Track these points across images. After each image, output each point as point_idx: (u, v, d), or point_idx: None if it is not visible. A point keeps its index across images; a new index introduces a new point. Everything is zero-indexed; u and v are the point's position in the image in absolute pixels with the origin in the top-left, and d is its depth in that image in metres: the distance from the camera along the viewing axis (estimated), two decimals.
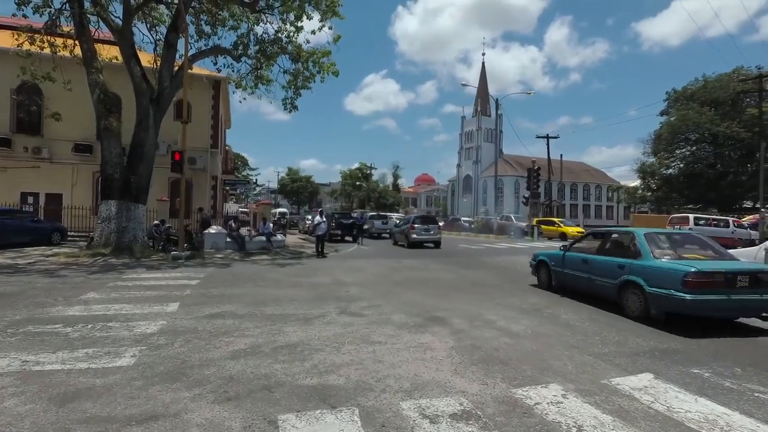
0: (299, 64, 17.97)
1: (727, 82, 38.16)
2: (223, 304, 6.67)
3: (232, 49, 18.11)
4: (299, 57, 17.79)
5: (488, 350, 4.61)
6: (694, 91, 40.53)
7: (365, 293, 7.93)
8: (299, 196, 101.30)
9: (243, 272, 10.59)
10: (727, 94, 37.72)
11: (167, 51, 15.99)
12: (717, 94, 38.35)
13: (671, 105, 42.44)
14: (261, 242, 16.70)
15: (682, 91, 41.77)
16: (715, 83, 39.18)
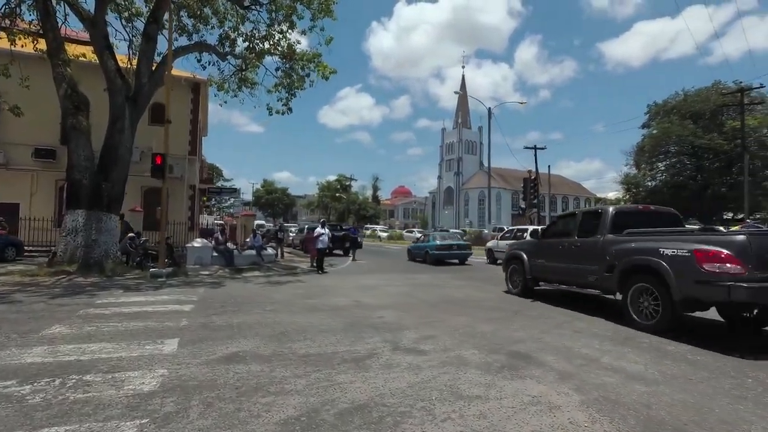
0: (293, 62, 16.63)
1: (706, 95, 39.03)
2: (237, 340, 5.13)
3: (217, 45, 16.60)
4: (293, 56, 16.45)
5: (636, 407, 3.31)
6: (674, 105, 41.30)
7: (404, 319, 6.52)
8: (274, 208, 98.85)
9: (241, 293, 8.98)
10: (707, 107, 38.53)
11: (146, 44, 14.30)
12: (697, 108, 39.13)
13: (652, 118, 43.12)
14: (251, 257, 15.02)
15: (662, 104, 42.53)
16: (695, 97, 40.03)
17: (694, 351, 4.94)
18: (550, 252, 8.42)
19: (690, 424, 3.03)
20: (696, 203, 39.86)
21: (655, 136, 40.87)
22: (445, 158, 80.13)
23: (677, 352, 4.89)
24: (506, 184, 69.61)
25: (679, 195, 41.03)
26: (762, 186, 36.10)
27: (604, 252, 6.95)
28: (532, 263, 8.91)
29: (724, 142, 36.68)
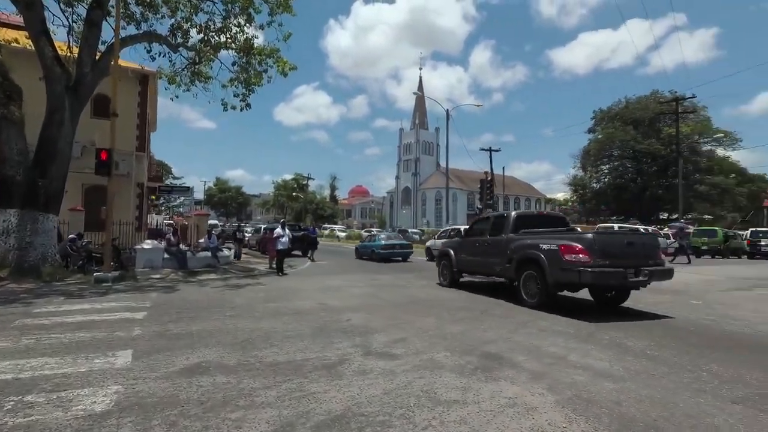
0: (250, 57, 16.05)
1: (645, 103, 41.82)
2: (198, 349, 4.81)
3: (168, 36, 15.72)
4: (251, 50, 15.88)
5: (608, 405, 3.39)
6: (617, 112, 43.94)
7: (372, 322, 6.42)
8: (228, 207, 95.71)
9: (198, 298, 8.51)
10: (646, 114, 41.28)
11: (89, 31, 13.28)
12: (637, 115, 41.86)
13: (598, 123, 45.65)
14: (205, 259, 14.36)
15: (607, 110, 45.13)
16: (636, 105, 42.81)
17: (652, 347, 5.18)
18: (470, 249, 10.05)
19: (659, 419, 3.14)
20: (636, 204, 42.65)
21: (600, 140, 43.33)
22: (402, 158, 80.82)
23: (637, 348, 5.10)
24: (462, 185, 71.20)
25: (621, 196, 43.75)
26: (693, 188, 39.15)
27: (506, 248, 8.52)
28: (458, 258, 10.41)
29: (661, 147, 39.50)
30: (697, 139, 41.25)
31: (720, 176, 40.12)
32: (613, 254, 7.04)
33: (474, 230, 10.65)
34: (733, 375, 4.17)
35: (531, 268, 7.77)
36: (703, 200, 40.32)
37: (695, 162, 40.35)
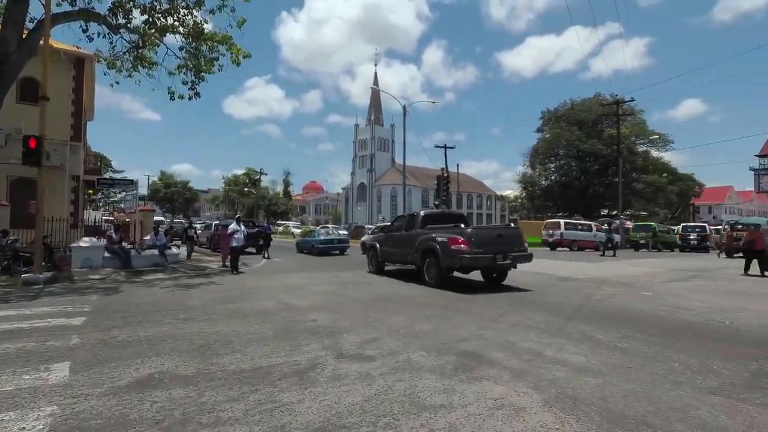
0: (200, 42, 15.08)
1: (589, 105, 44.05)
2: (149, 358, 4.30)
3: (108, 15, 14.42)
4: (201, 35, 14.92)
5: (595, 402, 3.32)
6: (563, 113, 45.99)
7: (340, 321, 6.11)
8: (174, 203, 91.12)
9: (146, 300, 7.80)
10: (590, 116, 43.51)
11: (14, 5, 11.85)
12: (582, 116, 44.02)
13: (546, 123, 47.58)
14: (152, 257, 13.37)
15: (554, 111, 47.11)
16: (580, 106, 44.99)
17: (620, 339, 5.26)
18: (391, 242, 12.02)
19: (648, 414, 3.10)
20: (580, 201, 44.95)
21: (547, 140, 45.20)
22: (358, 154, 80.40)
23: (608, 341, 5.16)
24: (417, 182, 71.93)
25: (566, 193, 45.94)
26: (631, 186, 41.75)
27: (415, 240, 10.49)
28: (382, 250, 12.34)
29: (603, 147, 41.80)
30: (634, 140, 44.04)
31: (654, 175, 43.17)
32: (486, 244, 9.26)
33: (394, 227, 12.58)
34: (703, 365, 4.27)
35: (431, 256, 9.88)
36: (640, 197, 43.20)
37: (633, 162, 43.06)
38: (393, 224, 12.98)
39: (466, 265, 9.33)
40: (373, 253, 12.71)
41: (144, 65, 15.80)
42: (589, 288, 8.40)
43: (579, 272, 13.52)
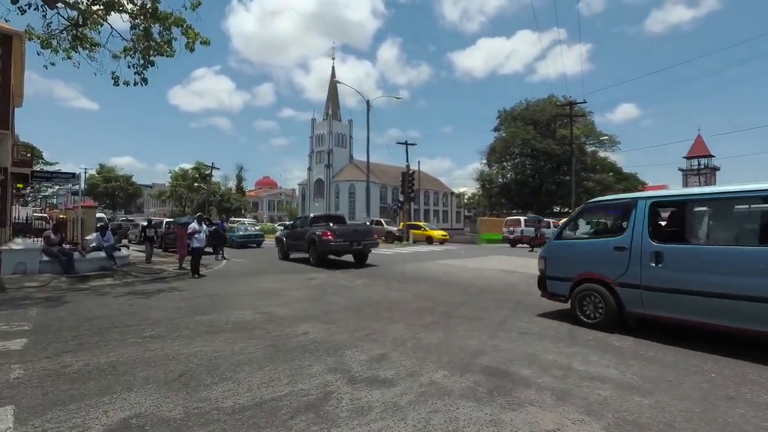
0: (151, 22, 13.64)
1: (544, 106, 45.50)
2: (119, 395, 3.48)
3: None
4: (154, 14, 13.51)
5: (661, 428, 2.96)
6: (519, 112, 47.23)
7: (336, 335, 5.47)
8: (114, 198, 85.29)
9: (100, 312, 6.73)
10: (544, 116, 44.96)
11: None
12: (537, 116, 45.41)
13: (502, 122, 48.66)
14: (98, 260, 11.95)
15: (510, 111, 48.27)
16: (535, 107, 46.38)
17: (638, 344, 5.02)
18: (293, 236, 15.91)
19: None
20: (534, 198, 46.47)
21: (504, 138, 46.27)
22: (315, 150, 78.66)
23: (627, 348, 4.89)
24: (375, 178, 71.25)
25: (521, 191, 47.33)
26: (582, 185, 43.60)
27: (305, 234, 14.67)
28: (287, 242, 16.29)
29: (556, 147, 43.36)
30: (584, 141, 46.04)
31: (603, 174, 45.41)
32: (346, 235, 13.93)
33: (294, 224, 17.40)
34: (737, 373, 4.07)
35: (313, 245, 14.06)
36: (590, 195, 45.24)
37: (583, 161, 45.02)
38: (294, 223, 17.72)
39: (333, 249, 13.89)
40: (281, 245, 16.81)
41: (84, 46, 14.12)
42: None
43: None
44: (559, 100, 44.16)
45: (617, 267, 5.55)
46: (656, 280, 5.16)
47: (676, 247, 5.19)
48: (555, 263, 6.46)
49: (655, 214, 5.55)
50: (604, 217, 8.83)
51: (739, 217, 5.16)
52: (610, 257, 5.66)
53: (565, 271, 6.27)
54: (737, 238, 5.00)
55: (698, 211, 5.61)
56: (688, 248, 5.15)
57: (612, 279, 5.62)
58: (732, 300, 4.54)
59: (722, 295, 4.60)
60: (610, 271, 5.65)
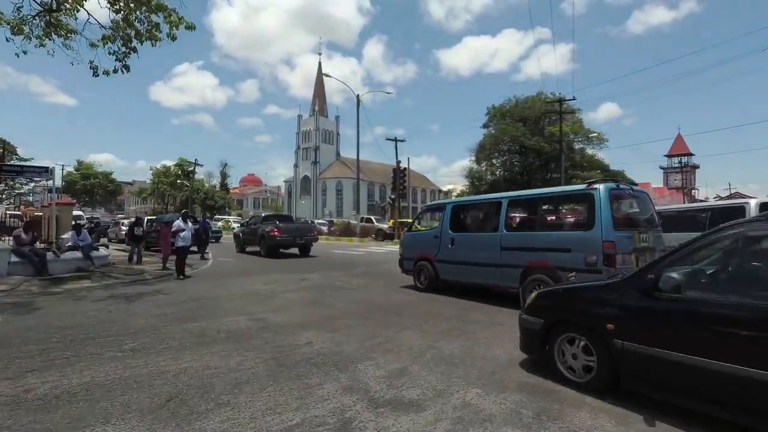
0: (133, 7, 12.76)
1: (533, 103, 45.37)
2: (88, 426, 2.85)
3: None
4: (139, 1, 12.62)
5: None
6: (508, 109, 47.03)
7: (344, 345, 4.88)
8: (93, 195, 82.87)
9: (75, 321, 6.00)
10: (533, 113, 44.84)
11: None
12: (526, 113, 45.25)
13: (491, 119, 48.41)
14: (74, 261, 11.12)
15: (499, 108, 48.03)
16: (525, 104, 46.23)
17: None
18: (248, 232, 18.47)
19: None
20: None
21: (494, 135, 46.01)
22: (301, 146, 77.55)
23: None
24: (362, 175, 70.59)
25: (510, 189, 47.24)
26: (571, 182, 43.64)
27: (258, 230, 17.16)
28: (243, 238, 18.65)
29: (545, 144, 43.29)
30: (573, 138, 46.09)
31: (591, 171, 45.53)
32: (290, 231, 16.68)
33: (249, 223, 19.87)
34: None
35: (263, 240, 16.50)
36: None
37: (572, 158, 45.01)
38: (249, 222, 20.54)
39: (279, 243, 16.32)
40: (239, 240, 19.18)
41: (59, 33, 13.16)
42: None
43: None
44: (548, 97, 44.12)
45: (435, 249, 8.34)
46: (452, 257, 7.99)
47: (459, 234, 8.06)
48: (406, 249, 9.31)
49: (455, 213, 8.28)
50: (434, 217, 10.87)
51: (481, 215, 8.31)
52: (432, 243, 8.45)
53: (411, 253, 9.10)
54: (480, 228, 8.07)
55: (469, 211, 8.68)
56: (464, 235, 8.07)
57: (433, 257, 8.42)
58: (481, 267, 7.35)
59: (477, 264, 7.43)
60: (432, 252, 8.42)
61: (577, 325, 3.63)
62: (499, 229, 7.14)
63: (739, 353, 2.63)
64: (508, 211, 7.26)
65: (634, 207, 6.74)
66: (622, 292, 3.35)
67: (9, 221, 21.17)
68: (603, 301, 3.46)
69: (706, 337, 2.81)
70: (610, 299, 3.40)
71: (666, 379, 3.00)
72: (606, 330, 3.33)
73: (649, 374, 3.10)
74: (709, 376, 2.73)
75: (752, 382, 2.54)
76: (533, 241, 6.64)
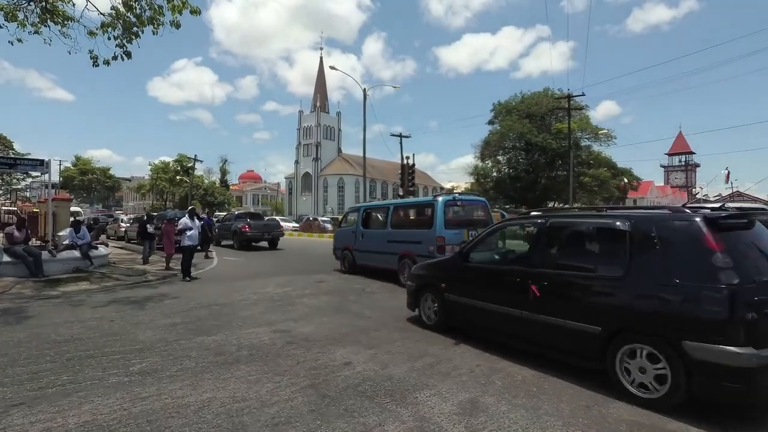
0: None
1: (539, 98, 44.54)
2: None
3: None
4: None
5: None
6: (514, 105, 46.16)
7: (389, 366, 4.12)
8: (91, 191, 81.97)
9: (72, 332, 5.23)
10: (540, 109, 44.01)
11: None
12: (532, 109, 44.40)
13: (497, 116, 47.53)
14: (72, 260, 10.35)
15: (505, 104, 47.15)
16: (531, 99, 45.39)
17: None
18: (223, 228, 20.02)
19: None
20: (530, 193, 45.63)
21: (500, 131, 45.14)
22: (302, 142, 76.57)
23: None
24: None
25: (515, 186, 46.44)
26: (578, 180, 42.91)
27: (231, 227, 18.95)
28: (219, 233, 19.67)
29: (552, 140, 42.49)
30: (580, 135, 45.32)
31: (598, 169, 44.78)
32: (259, 228, 18.73)
33: (224, 219, 21.77)
34: None
35: (236, 234, 18.30)
36: (586, 190, 44.67)
37: (578, 156, 44.24)
38: (225, 218, 22.52)
39: (249, 238, 18.24)
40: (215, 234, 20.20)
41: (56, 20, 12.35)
42: None
43: None
44: (555, 93, 43.31)
45: (353, 241, 10.82)
46: (362, 246, 10.50)
47: (367, 230, 10.53)
48: (336, 241, 12.05)
49: (365, 214, 10.87)
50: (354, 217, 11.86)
51: (379, 216, 10.55)
52: (351, 236, 10.99)
53: (339, 244, 11.71)
54: (378, 226, 10.35)
55: (372, 213, 10.93)
56: (369, 230, 10.48)
57: (352, 247, 10.88)
58: (378, 254, 9.80)
59: (376, 252, 9.88)
60: (351, 243, 10.91)
61: (431, 286, 5.47)
62: (387, 227, 9.87)
63: (518, 301, 4.19)
64: (393, 214, 9.89)
65: (466, 213, 9.18)
66: (449, 264, 5.49)
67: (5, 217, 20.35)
68: (440, 270, 5.52)
69: (497, 288, 4.56)
70: (444, 268, 5.50)
71: (470, 318, 4.91)
72: (441, 288, 5.24)
73: (463, 315, 5.00)
74: (508, 319, 4.32)
75: (532, 323, 4.06)
76: (403, 236, 9.27)
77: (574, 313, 3.71)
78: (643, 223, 3.53)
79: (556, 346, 3.90)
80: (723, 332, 2.88)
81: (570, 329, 3.71)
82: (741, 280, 2.94)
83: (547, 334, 3.93)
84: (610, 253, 3.76)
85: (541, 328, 3.97)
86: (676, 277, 3.16)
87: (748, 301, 2.90)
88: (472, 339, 4.95)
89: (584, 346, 3.63)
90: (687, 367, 3.01)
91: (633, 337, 3.32)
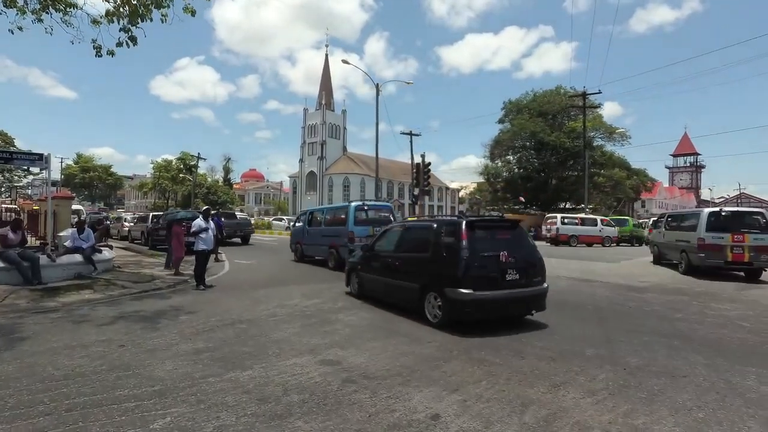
0: None
1: (551, 97, 43.45)
2: None
3: None
4: None
5: None
6: (525, 104, 45.07)
7: (493, 424, 3.13)
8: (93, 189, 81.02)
9: (73, 363, 4.22)
10: (552, 108, 42.93)
11: None
12: (544, 108, 43.30)
13: (507, 114, 46.44)
14: (73, 265, 9.38)
15: (516, 102, 46.05)
16: (543, 98, 44.27)
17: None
18: None
19: None
20: (541, 194, 44.56)
21: (512, 130, 44.02)
22: (307, 141, 75.53)
23: None
24: (370, 171, 68.83)
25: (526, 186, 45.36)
26: (592, 180, 41.79)
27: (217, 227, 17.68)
28: None
29: (566, 140, 41.39)
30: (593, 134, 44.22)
31: (613, 170, 43.69)
32: (231, 226, 21.02)
33: None
34: None
35: None
36: (600, 191, 43.57)
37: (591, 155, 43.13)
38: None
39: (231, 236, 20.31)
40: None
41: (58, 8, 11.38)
42: None
43: None
44: (568, 92, 42.20)
45: (303, 236, 14.27)
46: (307, 241, 13.98)
47: (311, 227, 14.00)
48: (292, 237, 15.49)
49: (310, 215, 14.43)
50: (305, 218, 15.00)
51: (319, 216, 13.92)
52: (301, 233, 14.41)
53: (294, 239, 15.15)
54: (317, 225, 13.80)
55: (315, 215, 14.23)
56: (312, 228, 13.89)
57: (302, 241, 14.35)
58: (317, 246, 13.40)
59: (316, 244, 13.48)
60: (301, 239, 14.35)
61: (354, 270, 8.03)
62: (322, 224, 13.36)
63: (388, 273, 6.93)
64: (327, 215, 13.53)
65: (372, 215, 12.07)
66: (363, 252, 8.06)
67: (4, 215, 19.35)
68: (359, 258, 8.04)
69: (382, 266, 7.21)
70: (361, 255, 8.09)
71: (372, 288, 7.52)
72: (359, 268, 7.89)
73: (369, 286, 7.62)
74: (384, 284, 7.07)
75: (393, 285, 6.81)
76: (331, 232, 12.60)
77: (408, 277, 6.39)
78: (439, 224, 6.27)
79: (403, 298, 6.56)
80: (461, 283, 5.40)
81: (406, 287, 6.39)
82: (470, 254, 5.53)
83: (399, 291, 6.64)
84: (425, 242, 6.28)
85: (396, 288, 6.72)
86: (445, 253, 5.79)
87: (473, 265, 5.51)
88: (558, 374, 3.94)
89: (412, 295, 6.17)
90: (448, 302, 5.49)
91: (430, 288, 5.84)
